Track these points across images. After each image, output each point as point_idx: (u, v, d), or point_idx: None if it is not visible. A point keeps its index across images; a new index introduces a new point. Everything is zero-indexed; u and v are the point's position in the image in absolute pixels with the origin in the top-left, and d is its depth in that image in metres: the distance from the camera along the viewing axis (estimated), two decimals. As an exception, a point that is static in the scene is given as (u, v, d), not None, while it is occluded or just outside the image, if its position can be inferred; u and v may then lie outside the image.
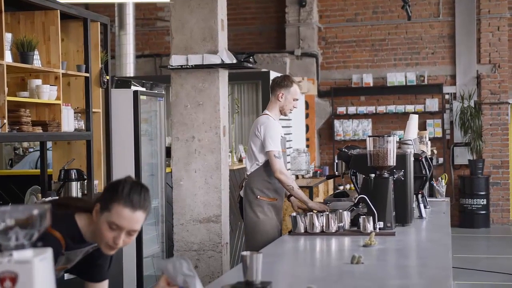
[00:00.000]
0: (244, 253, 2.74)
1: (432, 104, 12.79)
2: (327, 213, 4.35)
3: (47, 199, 5.22)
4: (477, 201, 12.38)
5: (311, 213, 4.36)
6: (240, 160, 8.39)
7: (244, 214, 5.39)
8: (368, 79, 13.03)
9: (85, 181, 5.76)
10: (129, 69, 10.85)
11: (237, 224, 7.52)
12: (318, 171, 10.99)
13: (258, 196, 5.29)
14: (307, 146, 12.37)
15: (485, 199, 12.40)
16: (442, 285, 2.86)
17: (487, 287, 8.10)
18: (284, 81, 5.42)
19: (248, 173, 5.40)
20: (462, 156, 12.74)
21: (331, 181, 11.35)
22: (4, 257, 1.74)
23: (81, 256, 2.82)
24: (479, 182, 12.41)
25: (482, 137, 12.60)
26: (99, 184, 6.03)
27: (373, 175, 4.44)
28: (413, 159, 4.85)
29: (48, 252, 1.80)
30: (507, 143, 12.80)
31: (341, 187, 12.27)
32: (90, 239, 2.73)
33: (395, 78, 12.90)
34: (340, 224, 4.31)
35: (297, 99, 5.46)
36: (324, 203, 5.23)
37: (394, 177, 4.49)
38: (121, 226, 2.59)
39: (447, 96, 12.90)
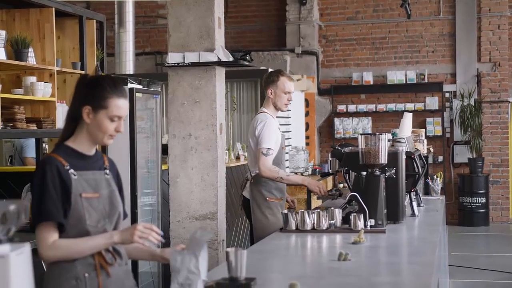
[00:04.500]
0: (229, 249, 2.76)
1: (432, 102, 12.80)
2: (318, 210, 4.37)
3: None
4: (476, 199, 12.39)
5: (303, 210, 4.38)
6: (238, 158, 8.41)
7: (253, 217, 5.30)
8: (368, 77, 13.04)
9: (80, 177, 5.78)
10: (129, 67, 10.87)
11: (233, 221, 7.54)
12: (318, 169, 10.99)
13: (267, 198, 5.24)
14: (307, 144, 12.39)
15: (484, 198, 12.41)
16: (425, 282, 2.87)
17: (485, 285, 8.11)
18: (270, 77, 5.35)
19: (253, 174, 5.30)
20: (462, 155, 12.75)
21: (330, 179, 11.36)
22: (-20, 252, 1.77)
23: (106, 186, 2.94)
24: (479, 181, 12.42)
25: (482, 135, 12.61)
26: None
27: (364, 173, 4.45)
28: (406, 157, 4.86)
29: (26, 248, 1.83)
30: (507, 141, 12.80)
31: (341, 185, 12.28)
32: (87, 151, 2.92)
33: (395, 76, 12.91)
34: (332, 221, 4.33)
35: (288, 92, 5.33)
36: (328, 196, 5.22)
37: (385, 175, 4.50)
38: (121, 115, 2.87)
39: (447, 95, 12.91)
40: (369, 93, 13.14)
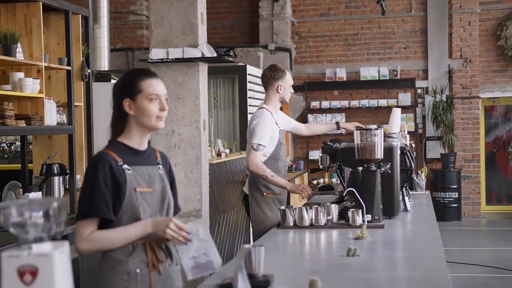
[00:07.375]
0: (247, 246, 2.73)
1: (405, 98, 12.89)
2: (316, 206, 4.35)
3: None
4: (449, 194, 12.52)
5: (300, 206, 4.36)
6: (219, 155, 8.36)
7: (251, 212, 5.29)
8: (342, 74, 13.08)
9: (67, 175, 5.69)
10: (104, 63, 10.72)
11: (216, 218, 7.50)
12: (294, 166, 11.02)
13: (264, 193, 5.23)
14: (281, 140, 12.38)
15: (456, 193, 12.55)
16: (442, 276, 2.88)
17: (460, 279, 8.19)
18: (278, 73, 5.40)
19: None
20: (434, 150, 12.87)
21: (306, 175, 11.40)
22: (23, 251, 1.72)
23: (159, 181, 2.95)
24: (451, 176, 12.56)
25: (454, 131, 12.75)
26: (81, 179, 5.96)
27: (360, 168, 4.44)
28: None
29: (66, 246, 1.78)
30: (478, 137, 12.96)
31: (315, 181, 12.32)
32: (139, 146, 2.94)
33: (368, 72, 12.97)
34: (329, 217, 4.32)
35: (291, 84, 5.53)
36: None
37: (381, 170, 4.51)
38: (157, 93, 2.90)
39: (419, 91, 13.02)
40: (342, 89, 13.19)
